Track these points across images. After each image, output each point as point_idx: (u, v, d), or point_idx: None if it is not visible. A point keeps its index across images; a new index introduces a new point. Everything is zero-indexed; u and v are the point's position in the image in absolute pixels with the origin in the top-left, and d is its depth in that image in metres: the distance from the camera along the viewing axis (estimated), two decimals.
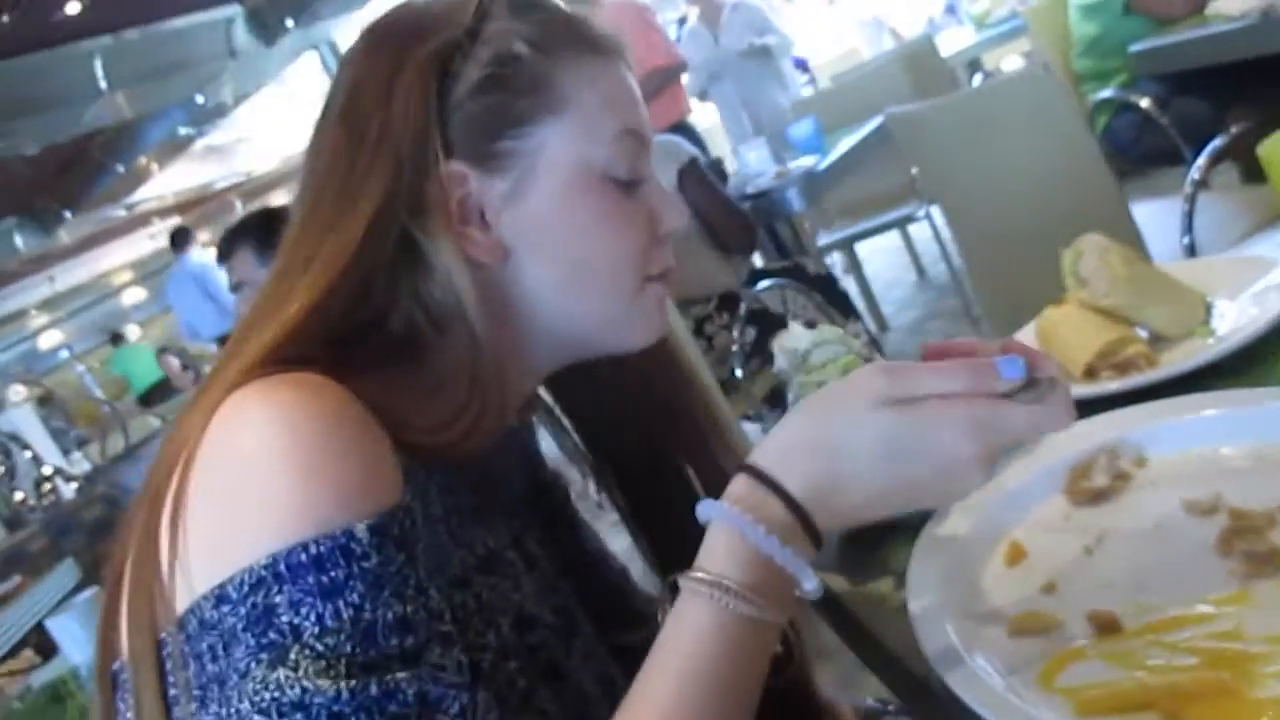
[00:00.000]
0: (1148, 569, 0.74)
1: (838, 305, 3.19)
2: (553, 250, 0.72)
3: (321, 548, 0.56)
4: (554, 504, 0.89)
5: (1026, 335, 1.17)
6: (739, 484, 0.62)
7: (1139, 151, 2.86)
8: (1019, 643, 0.71)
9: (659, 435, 0.88)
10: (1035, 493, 0.87)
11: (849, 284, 4.03)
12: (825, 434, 0.61)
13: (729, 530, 0.60)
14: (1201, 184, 2.12)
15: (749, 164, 3.74)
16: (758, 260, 3.48)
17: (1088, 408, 0.96)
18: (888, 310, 4.60)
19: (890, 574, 0.88)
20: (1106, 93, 2.88)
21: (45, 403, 7.71)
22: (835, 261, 4.57)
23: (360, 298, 0.68)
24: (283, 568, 0.56)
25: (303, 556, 0.56)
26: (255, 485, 0.58)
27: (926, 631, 0.72)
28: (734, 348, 2.66)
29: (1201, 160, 2.13)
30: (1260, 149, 1.07)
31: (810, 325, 2.88)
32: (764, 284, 2.95)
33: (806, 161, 3.63)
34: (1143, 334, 1.07)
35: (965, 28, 6.34)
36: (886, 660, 0.80)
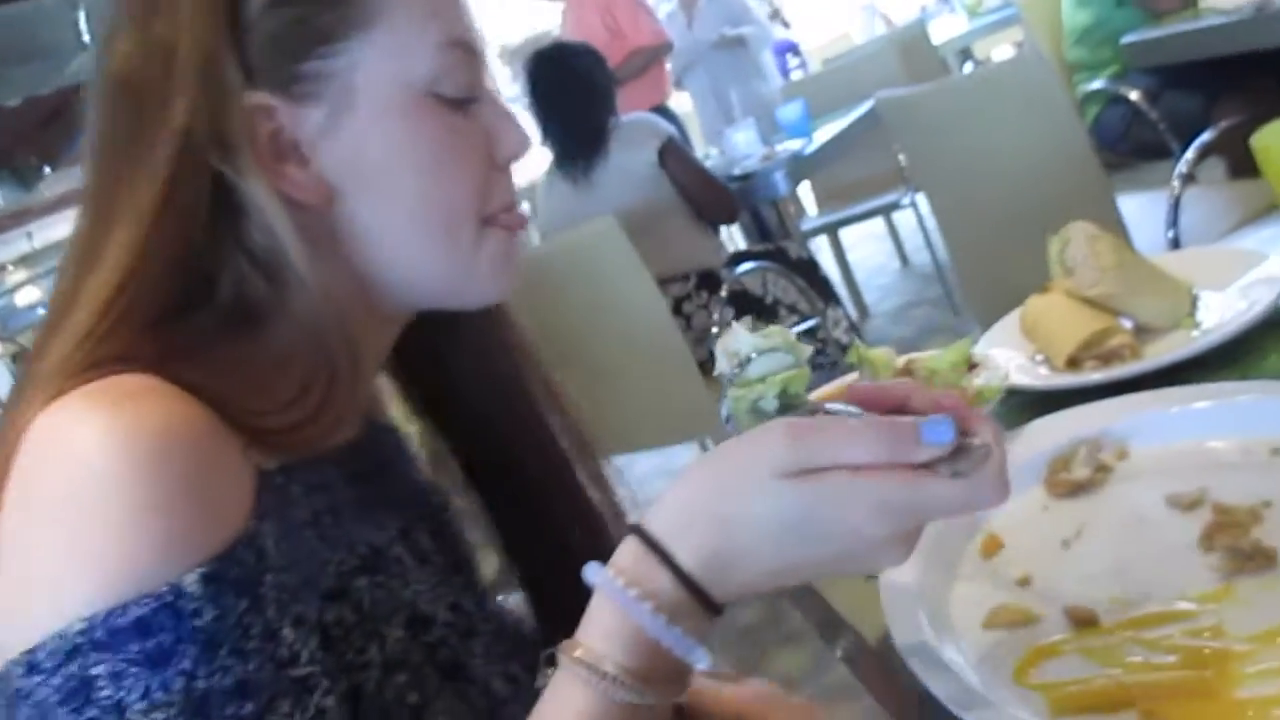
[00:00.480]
0: (1127, 563, 0.72)
1: (819, 290, 3.17)
2: (381, 185, 0.63)
3: (145, 609, 0.49)
4: (439, 503, 0.80)
5: (1010, 324, 1.15)
6: (627, 551, 0.54)
7: (1128, 144, 2.84)
8: (994, 636, 0.69)
9: (498, 415, 0.80)
10: (1014, 483, 0.84)
11: (832, 269, 4.01)
12: (722, 504, 0.53)
13: (612, 607, 0.53)
14: (1189, 178, 2.11)
15: (736, 145, 3.71)
16: (740, 242, 3.46)
17: (1070, 398, 0.95)
18: (870, 297, 4.58)
19: None
20: (1097, 84, 2.86)
21: (19, 359, 7.62)
22: (819, 246, 4.54)
23: (179, 257, 0.59)
24: (101, 634, 0.48)
25: (123, 620, 0.49)
26: (66, 534, 0.50)
27: (898, 623, 0.70)
28: (713, 329, 2.64)
29: (1189, 154, 2.12)
30: (1254, 139, 1.05)
31: (786, 311, 2.85)
32: (745, 266, 2.93)
33: (794, 145, 3.60)
34: (1128, 325, 1.05)
35: (958, 15, 6.31)
36: (859, 651, 0.78)
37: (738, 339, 0.75)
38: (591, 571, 0.55)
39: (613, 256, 2.60)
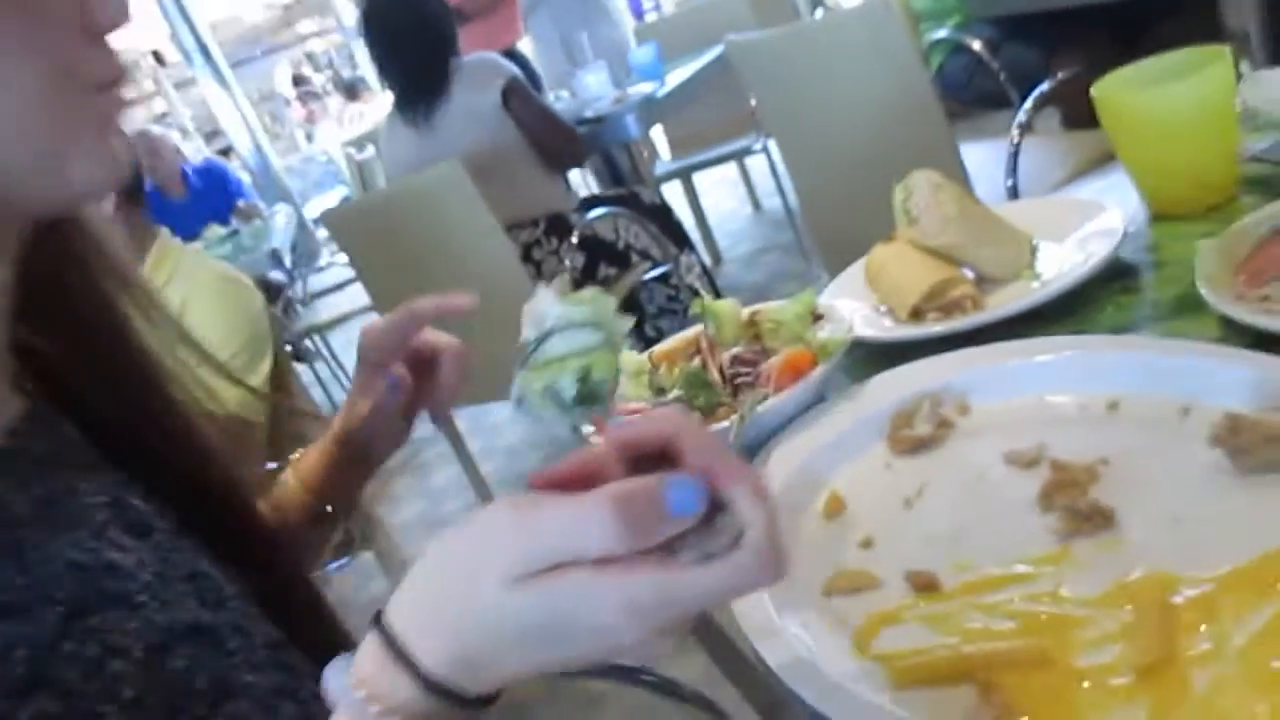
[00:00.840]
0: (968, 524, 0.70)
1: (672, 235, 3.14)
2: None
3: None
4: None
5: (856, 273, 1.13)
6: (369, 654, 0.47)
7: (970, 93, 2.89)
8: (835, 603, 0.67)
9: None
10: (857, 441, 0.83)
11: (685, 215, 3.99)
12: (453, 610, 0.46)
13: None
14: (1027, 128, 2.15)
15: (588, 88, 3.62)
16: (593, 187, 3.39)
17: (914, 350, 0.93)
18: (723, 243, 4.59)
19: None
20: (941, 33, 2.89)
21: None
22: (673, 192, 4.51)
23: None
24: None
25: None
26: None
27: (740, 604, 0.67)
28: (564, 275, 2.58)
29: (1028, 104, 2.15)
30: (1095, 89, 1.04)
31: (639, 256, 2.79)
32: (597, 211, 2.86)
33: (646, 88, 3.54)
34: (970, 275, 1.04)
35: None
36: (711, 633, 0.75)
37: (544, 305, 0.65)
38: (330, 677, 0.48)
39: (457, 202, 2.50)
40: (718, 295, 3.25)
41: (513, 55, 4.46)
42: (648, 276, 2.98)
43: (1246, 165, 1.08)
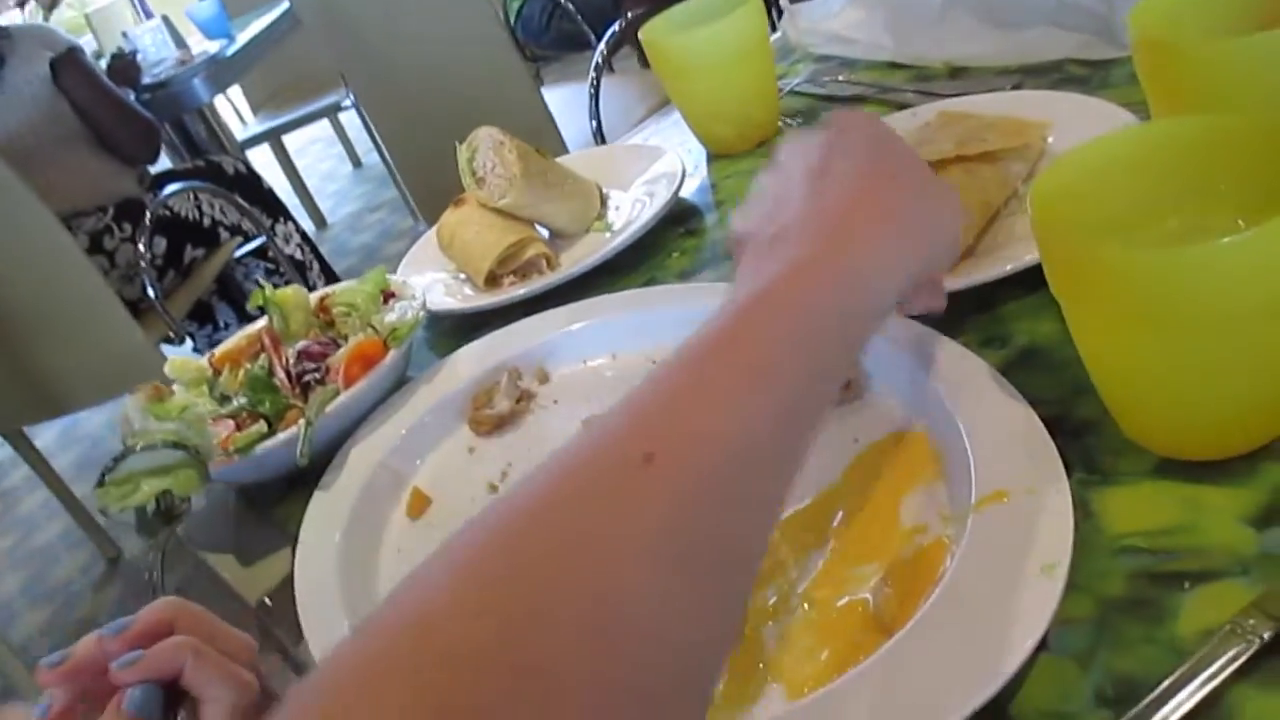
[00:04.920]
0: None
1: (264, 205, 2.92)
2: None
3: None
4: None
5: (431, 241, 1.07)
6: None
7: (550, 36, 2.90)
8: None
9: None
10: (436, 428, 0.78)
11: (279, 180, 3.74)
12: None
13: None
14: (606, 68, 2.18)
15: (144, 49, 3.27)
16: (165, 161, 3.08)
17: (494, 318, 0.89)
18: (325, 205, 4.36)
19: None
20: None
21: None
22: (264, 158, 4.21)
23: None
24: None
25: None
26: None
27: (316, 633, 0.60)
28: (142, 263, 2.32)
29: (602, 45, 2.18)
30: (642, 32, 1.05)
31: (228, 232, 2.56)
32: (172, 187, 2.59)
33: (213, 46, 3.26)
34: (544, 233, 1.02)
35: None
36: None
37: (132, 416, 0.70)
38: None
39: None
40: (323, 263, 3.08)
41: None
42: (240, 252, 2.76)
43: (787, 99, 1.14)
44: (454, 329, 0.96)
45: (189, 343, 2.76)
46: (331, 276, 3.03)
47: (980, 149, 0.73)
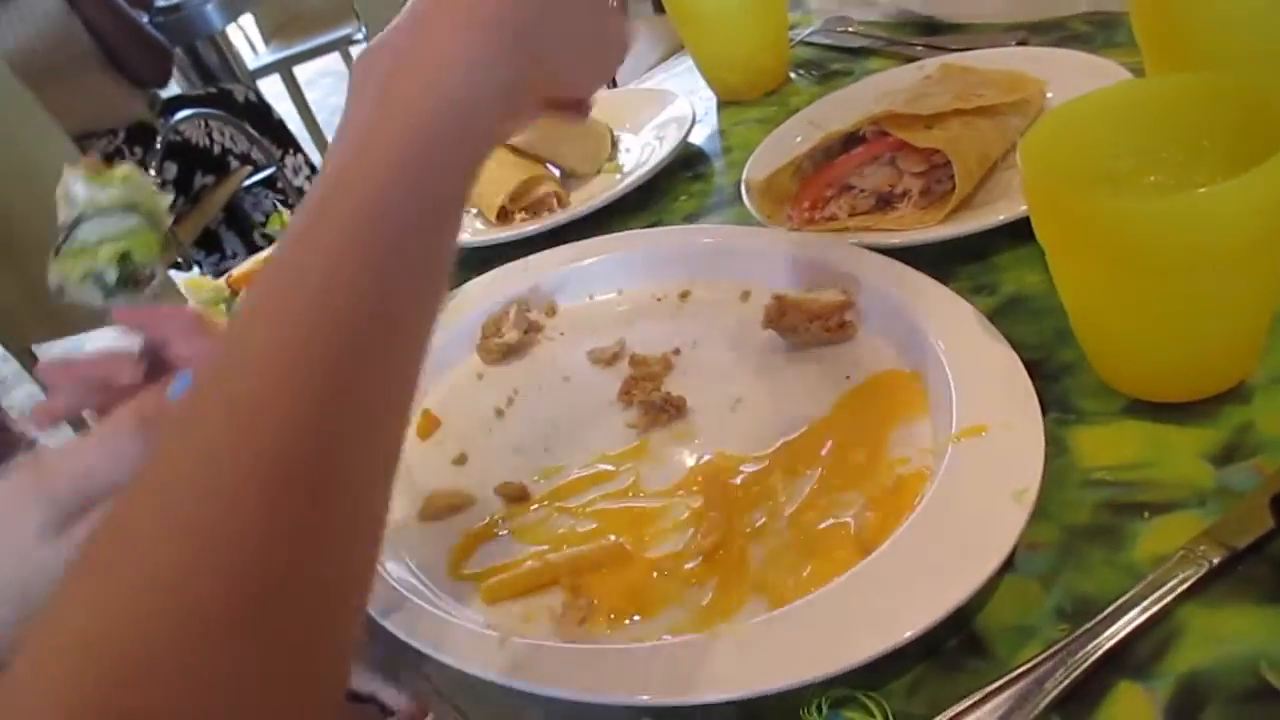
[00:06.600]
0: (555, 428, 0.71)
1: (274, 136, 2.93)
2: None
3: None
4: None
5: None
6: None
7: None
8: (432, 528, 0.66)
9: None
10: (447, 354, 0.81)
11: (289, 111, 3.73)
12: None
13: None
14: None
15: None
16: (175, 87, 3.08)
17: (504, 252, 0.92)
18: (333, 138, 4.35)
19: None
20: None
21: None
22: (274, 88, 4.20)
23: None
24: None
25: None
26: None
27: None
28: (94, 153, 2.33)
29: None
30: None
31: (238, 161, 2.58)
32: (183, 113, 2.60)
33: None
34: (555, 172, 1.04)
35: None
36: None
37: (73, 190, 0.65)
38: None
39: (10, 112, 2.17)
40: None
41: None
42: (250, 182, 2.78)
43: (798, 49, 1.16)
44: (465, 262, 0.98)
45: (196, 270, 2.79)
46: None
47: (976, 104, 0.75)
